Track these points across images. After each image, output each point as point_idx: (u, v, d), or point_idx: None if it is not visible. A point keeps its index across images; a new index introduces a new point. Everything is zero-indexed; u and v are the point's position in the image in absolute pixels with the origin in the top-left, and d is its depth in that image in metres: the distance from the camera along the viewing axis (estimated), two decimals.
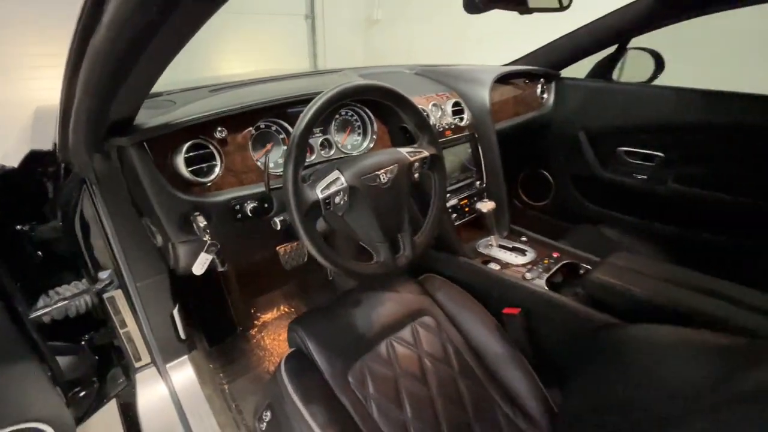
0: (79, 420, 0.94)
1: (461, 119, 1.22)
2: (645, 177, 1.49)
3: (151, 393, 0.98)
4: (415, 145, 0.88)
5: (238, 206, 0.79)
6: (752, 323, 0.72)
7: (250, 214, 0.80)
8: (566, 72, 1.65)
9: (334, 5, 4.28)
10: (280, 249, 1.46)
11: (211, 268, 0.81)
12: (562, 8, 0.94)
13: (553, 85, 1.63)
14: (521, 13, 0.86)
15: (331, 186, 0.71)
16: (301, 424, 0.73)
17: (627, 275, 0.88)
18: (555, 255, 1.12)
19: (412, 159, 0.82)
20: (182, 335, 1.02)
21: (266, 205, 0.82)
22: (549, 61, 1.60)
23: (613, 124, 1.52)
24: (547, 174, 1.79)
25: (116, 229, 0.83)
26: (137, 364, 1.00)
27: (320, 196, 0.70)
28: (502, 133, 1.32)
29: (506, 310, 0.99)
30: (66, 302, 0.86)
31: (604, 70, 1.59)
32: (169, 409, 0.97)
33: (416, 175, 0.86)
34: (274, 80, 1.13)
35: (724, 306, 0.76)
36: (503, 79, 1.41)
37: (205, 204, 0.76)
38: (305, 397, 0.76)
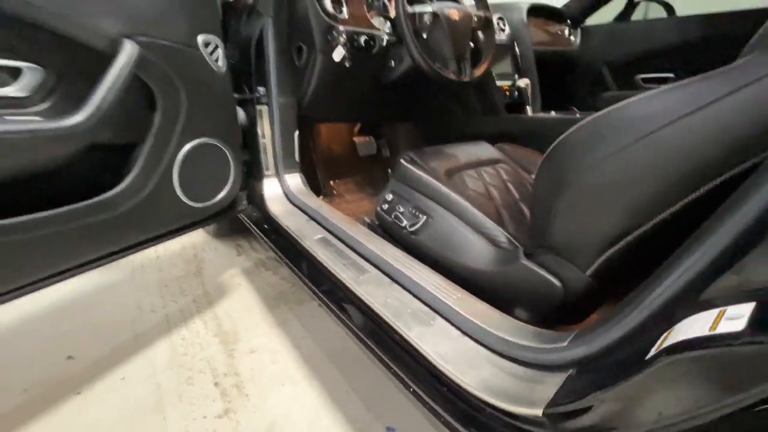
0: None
1: (503, 31, 1.61)
2: None
3: (273, 189, 1.37)
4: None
5: (355, 36, 1.21)
6: None
7: (363, 44, 1.22)
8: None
9: None
10: (357, 139, 1.87)
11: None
12: None
13: (578, 30, 2.01)
14: None
15: (422, 8, 1.12)
16: (425, 188, 0.98)
17: None
18: (576, 115, 1.45)
19: (471, 12, 1.22)
20: (297, 157, 1.41)
21: (372, 42, 1.24)
22: (573, 12, 1.99)
23: (630, 56, 1.86)
24: (575, 109, 2.12)
25: (275, 53, 1.26)
26: (266, 173, 1.39)
27: (416, 11, 1.10)
28: (537, 52, 1.71)
29: None
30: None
31: (623, 18, 1.96)
32: (284, 199, 1.34)
33: (473, 30, 1.24)
34: None
35: None
36: (536, 14, 1.81)
37: (338, 28, 1.18)
38: (426, 171, 1.02)
